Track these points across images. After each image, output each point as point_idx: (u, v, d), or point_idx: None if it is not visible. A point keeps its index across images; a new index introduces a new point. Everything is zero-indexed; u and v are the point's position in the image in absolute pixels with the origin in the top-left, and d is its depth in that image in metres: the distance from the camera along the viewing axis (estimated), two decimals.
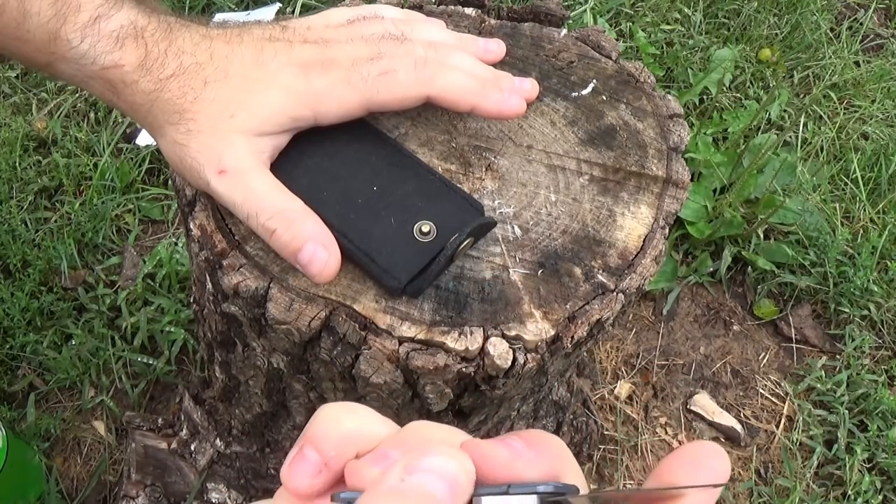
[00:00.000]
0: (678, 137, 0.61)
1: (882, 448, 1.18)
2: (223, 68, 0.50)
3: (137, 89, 0.50)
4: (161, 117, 0.51)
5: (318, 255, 0.48)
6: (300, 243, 0.48)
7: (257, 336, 0.57)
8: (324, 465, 0.27)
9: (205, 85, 0.50)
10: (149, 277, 1.18)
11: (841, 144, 1.51)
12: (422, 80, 0.53)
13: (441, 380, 0.51)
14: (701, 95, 1.52)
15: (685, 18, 1.63)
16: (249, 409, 0.74)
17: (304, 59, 0.52)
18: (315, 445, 0.27)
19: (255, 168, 0.50)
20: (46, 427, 1.07)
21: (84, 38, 0.49)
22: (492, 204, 0.55)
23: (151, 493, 0.95)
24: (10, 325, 1.14)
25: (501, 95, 0.54)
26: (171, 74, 0.50)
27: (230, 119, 0.49)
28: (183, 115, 0.50)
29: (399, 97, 0.53)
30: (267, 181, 0.50)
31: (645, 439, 1.18)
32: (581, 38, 0.66)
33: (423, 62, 0.53)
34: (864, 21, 1.73)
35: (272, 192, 0.50)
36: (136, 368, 1.12)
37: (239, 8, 1.54)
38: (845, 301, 1.31)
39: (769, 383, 1.27)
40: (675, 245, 1.35)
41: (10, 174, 1.30)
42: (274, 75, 0.51)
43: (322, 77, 0.51)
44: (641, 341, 1.28)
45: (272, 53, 0.52)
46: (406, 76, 0.52)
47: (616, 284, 0.53)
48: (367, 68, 0.52)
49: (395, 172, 0.53)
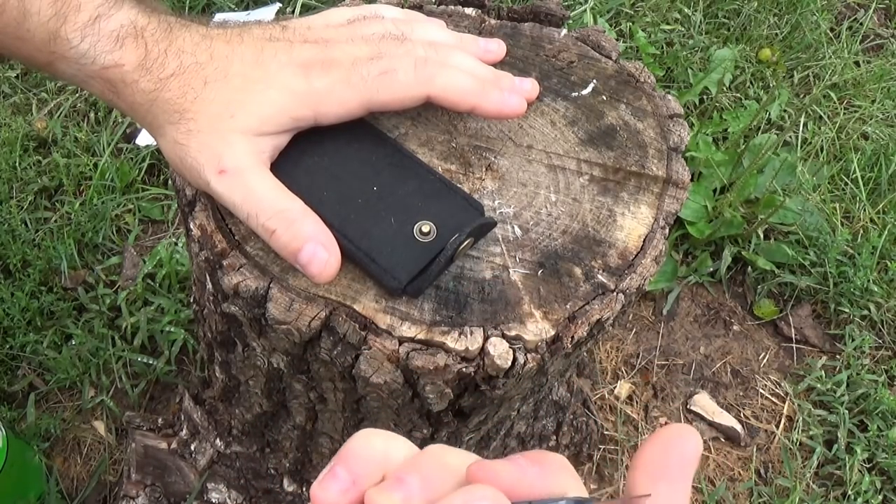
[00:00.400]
0: (678, 137, 0.61)
1: (882, 448, 1.18)
2: (223, 68, 0.50)
3: (137, 89, 0.50)
4: (161, 117, 0.50)
5: (318, 256, 0.48)
6: (300, 244, 0.48)
7: (257, 336, 0.57)
8: (352, 483, 0.28)
9: (205, 85, 0.50)
10: (149, 277, 1.18)
11: (841, 144, 1.51)
12: (422, 80, 0.53)
13: (441, 380, 0.51)
14: (701, 95, 1.52)
15: (685, 18, 1.63)
16: (249, 409, 0.74)
17: (304, 59, 0.52)
18: (346, 465, 0.28)
19: (255, 168, 0.50)
20: (46, 427, 1.07)
21: (84, 38, 0.49)
22: (492, 204, 0.55)
23: (151, 493, 0.95)
24: (10, 325, 1.14)
25: (502, 95, 0.54)
26: (171, 74, 0.50)
27: (230, 119, 0.49)
28: (183, 114, 0.50)
29: (399, 97, 0.53)
30: (267, 181, 0.50)
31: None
32: (581, 38, 0.66)
33: (424, 62, 0.53)
34: (864, 21, 1.73)
35: (272, 193, 0.49)
36: (136, 368, 1.12)
37: (239, 8, 1.54)
38: (845, 301, 1.31)
39: (769, 383, 1.27)
40: (675, 245, 1.35)
41: (10, 174, 1.30)
42: (274, 75, 0.51)
43: (322, 77, 0.51)
44: (641, 341, 1.28)
45: (272, 53, 0.52)
46: (406, 76, 0.52)
47: (616, 284, 0.53)
48: (368, 68, 0.52)
49: (395, 172, 0.53)
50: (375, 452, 0.28)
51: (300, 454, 0.77)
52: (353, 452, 0.28)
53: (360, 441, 0.29)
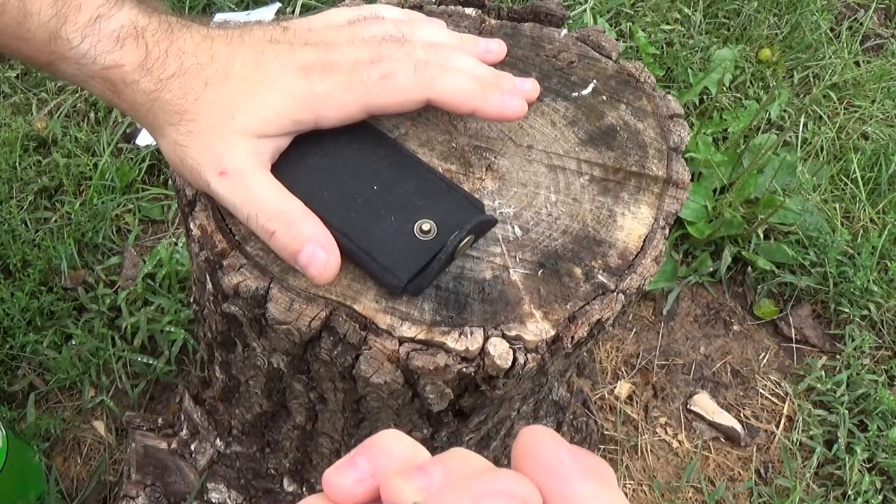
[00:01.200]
0: (678, 137, 0.61)
1: (882, 448, 1.18)
2: (224, 70, 0.50)
3: (138, 89, 0.50)
4: (162, 117, 0.50)
5: (317, 257, 0.48)
6: (299, 245, 0.48)
7: (257, 336, 0.57)
8: (370, 475, 0.27)
9: (206, 86, 0.50)
10: (149, 277, 1.18)
11: (841, 144, 1.51)
12: (422, 84, 0.53)
13: (441, 380, 0.51)
14: (701, 95, 1.52)
15: (685, 18, 1.63)
16: (249, 409, 0.74)
17: (305, 62, 0.52)
18: (368, 455, 0.28)
19: (255, 169, 0.50)
20: (46, 427, 1.07)
21: (85, 38, 0.49)
22: (492, 204, 0.55)
23: (151, 493, 0.95)
24: (10, 325, 1.14)
25: (502, 98, 0.54)
26: (171, 75, 0.50)
27: (231, 120, 0.49)
28: (184, 115, 0.50)
29: (399, 101, 0.53)
30: (267, 183, 0.50)
31: (645, 439, 1.18)
32: (581, 38, 0.66)
33: (424, 65, 0.53)
34: (864, 21, 1.73)
35: (272, 194, 0.50)
36: (136, 368, 1.12)
37: (239, 8, 1.54)
38: (845, 301, 1.31)
39: (769, 383, 1.27)
40: (675, 245, 1.35)
41: (10, 174, 1.30)
42: (275, 78, 0.51)
43: (323, 81, 0.51)
44: (641, 341, 1.28)
45: (273, 55, 0.52)
46: (406, 79, 0.52)
47: (616, 284, 0.53)
48: (368, 72, 0.52)
49: (395, 172, 0.53)
50: (402, 450, 0.28)
51: (300, 454, 0.77)
52: (378, 445, 0.28)
53: (390, 437, 0.28)
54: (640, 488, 1.14)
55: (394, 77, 0.52)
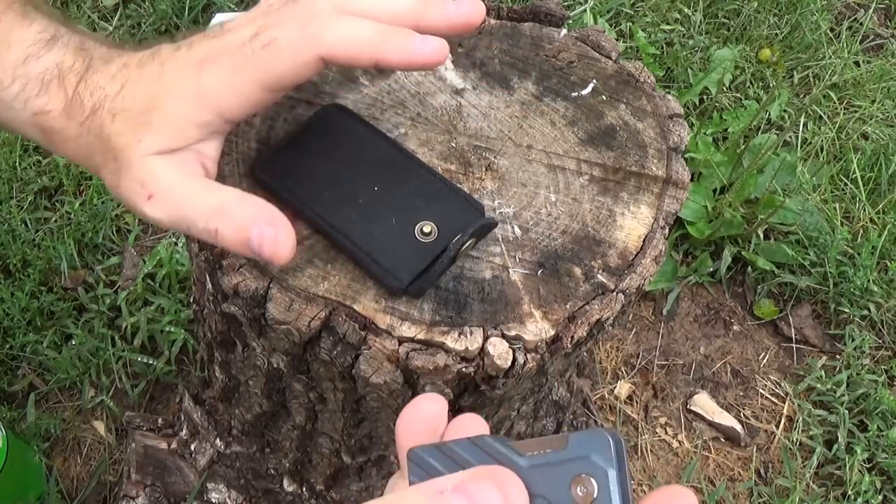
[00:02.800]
0: (678, 137, 0.61)
1: (882, 448, 1.18)
2: (131, 94, 0.46)
3: (68, 136, 0.47)
4: (92, 162, 0.48)
5: (265, 235, 0.43)
6: (244, 231, 0.44)
7: (257, 336, 0.57)
8: None
9: (114, 118, 0.46)
10: (149, 277, 1.18)
11: (841, 144, 1.51)
12: (307, 40, 0.45)
13: (441, 380, 0.51)
14: (701, 95, 1.52)
15: (685, 18, 1.63)
16: (249, 409, 0.74)
17: (198, 57, 0.47)
18: None
19: (180, 181, 0.46)
20: (46, 427, 1.07)
21: (15, 79, 0.46)
22: (492, 204, 0.55)
23: (151, 493, 0.95)
24: (10, 325, 1.14)
25: (409, 42, 0.44)
26: (88, 115, 0.46)
27: (139, 145, 0.46)
28: (106, 155, 0.47)
29: (286, 66, 0.45)
30: (195, 187, 0.46)
31: (645, 439, 1.18)
32: (581, 38, 0.66)
33: (310, 19, 0.45)
34: (864, 21, 1.73)
35: (201, 194, 0.46)
36: (136, 368, 1.12)
37: (239, 8, 1.54)
38: (845, 301, 1.31)
39: (769, 383, 1.27)
40: (675, 245, 1.35)
41: (10, 174, 1.30)
42: (171, 84, 0.46)
43: (212, 71, 0.46)
44: (641, 341, 1.28)
45: (173, 62, 0.47)
46: (290, 41, 0.45)
47: (616, 284, 0.53)
48: (251, 46, 0.45)
49: (395, 172, 0.53)
50: None
51: (300, 454, 0.77)
52: None
53: None
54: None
55: (275, 42, 0.45)
